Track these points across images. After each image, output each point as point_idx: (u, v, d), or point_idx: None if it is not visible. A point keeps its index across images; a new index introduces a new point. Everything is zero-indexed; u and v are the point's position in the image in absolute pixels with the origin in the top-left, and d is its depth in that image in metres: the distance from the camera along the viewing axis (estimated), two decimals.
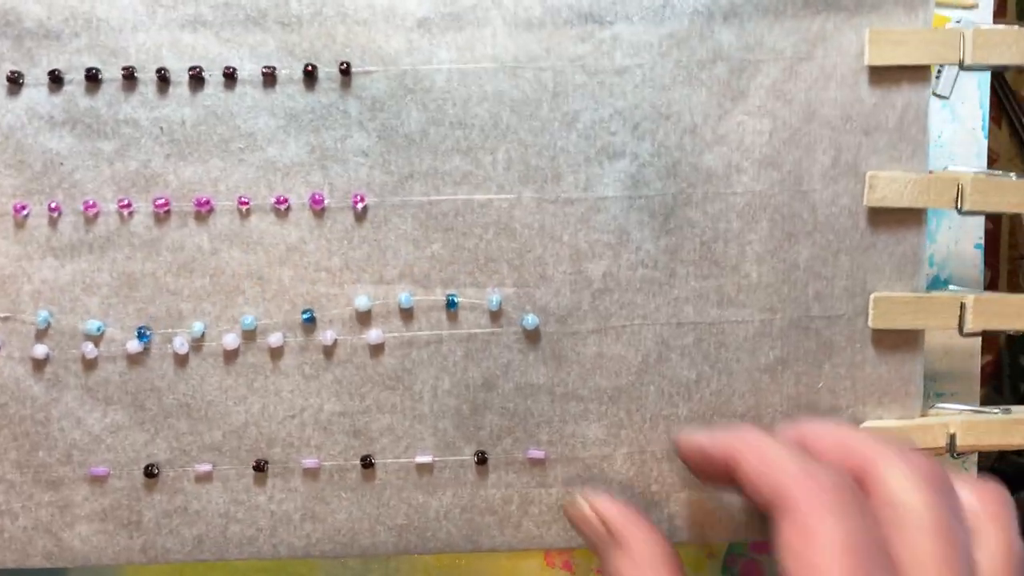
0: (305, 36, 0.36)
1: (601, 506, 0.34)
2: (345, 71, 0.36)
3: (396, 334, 0.38)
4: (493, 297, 0.38)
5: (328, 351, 0.38)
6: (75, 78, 0.36)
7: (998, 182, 0.37)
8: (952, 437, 0.38)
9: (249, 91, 0.37)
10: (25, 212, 0.37)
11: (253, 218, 0.37)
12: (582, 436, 0.39)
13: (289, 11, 0.36)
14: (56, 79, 0.36)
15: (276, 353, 0.38)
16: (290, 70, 0.37)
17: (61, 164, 0.37)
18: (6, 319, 0.37)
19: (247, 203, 0.37)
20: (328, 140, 0.37)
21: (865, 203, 0.38)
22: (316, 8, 0.36)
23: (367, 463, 0.38)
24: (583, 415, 0.39)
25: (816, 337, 0.38)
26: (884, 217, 0.38)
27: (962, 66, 0.37)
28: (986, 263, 0.50)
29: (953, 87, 0.49)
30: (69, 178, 0.37)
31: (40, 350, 0.37)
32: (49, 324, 0.37)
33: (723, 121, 0.37)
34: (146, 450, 0.38)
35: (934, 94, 0.48)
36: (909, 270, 0.38)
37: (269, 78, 0.36)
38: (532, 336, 0.38)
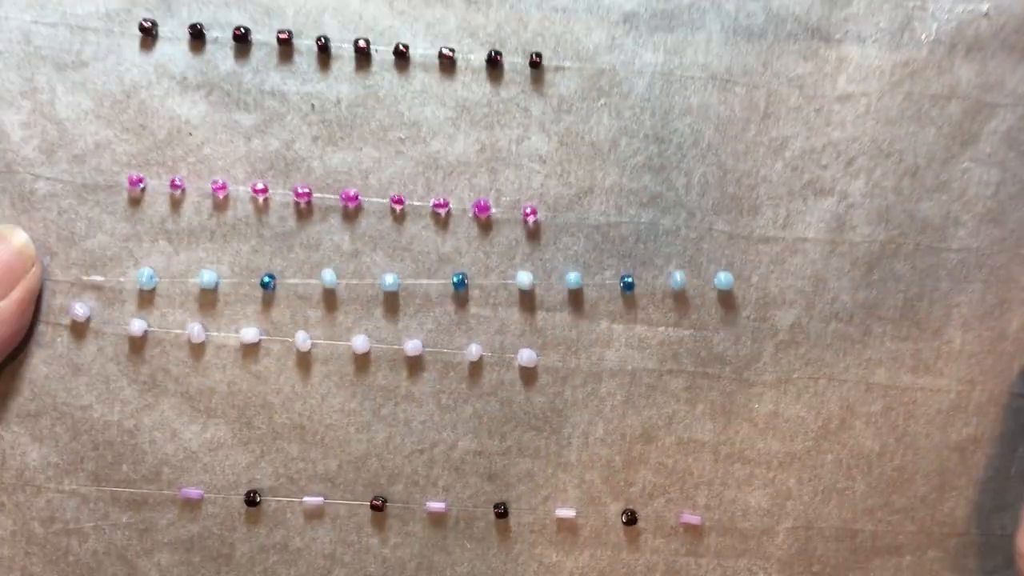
0: (492, 18, 0.33)
1: None
2: (535, 63, 0.33)
3: (551, 360, 0.35)
4: (676, 275, 0.36)
5: (472, 379, 0.35)
6: (219, 36, 0.33)
7: None
8: None
9: (419, 74, 0.33)
10: (141, 186, 0.33)
11: (406, 220, 0.34)
12: (743, 504, 0.36)
13: None
14: (197, 35, 0.33)
15: (413, 369, 0.34)
16: (470, 55, 0.33)
17: (190, 134, 0.33)
18: (101, 288, 0.34)
19: (401, 202, 0.34)
20: (502, 140, 0.34)
21: None
22: None
23: (501, 512, 0.35)
24: (747, 480, 0.36)
25: (1015, 417, 0.37)
26: None
27: None
28: None
29: None
30: (197, 152, 0.34)
31: (138, 325, 0.34)
32: (154, 288, 0.34)
33: (948, 166, 0.35)
34: (248, 474, 0.35)
35: None
36: None
37: (446, 61, 0.33)
38: (703, 385, 0.36)
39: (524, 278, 0.36)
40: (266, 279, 0.35)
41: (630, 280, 0.36)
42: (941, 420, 0.38)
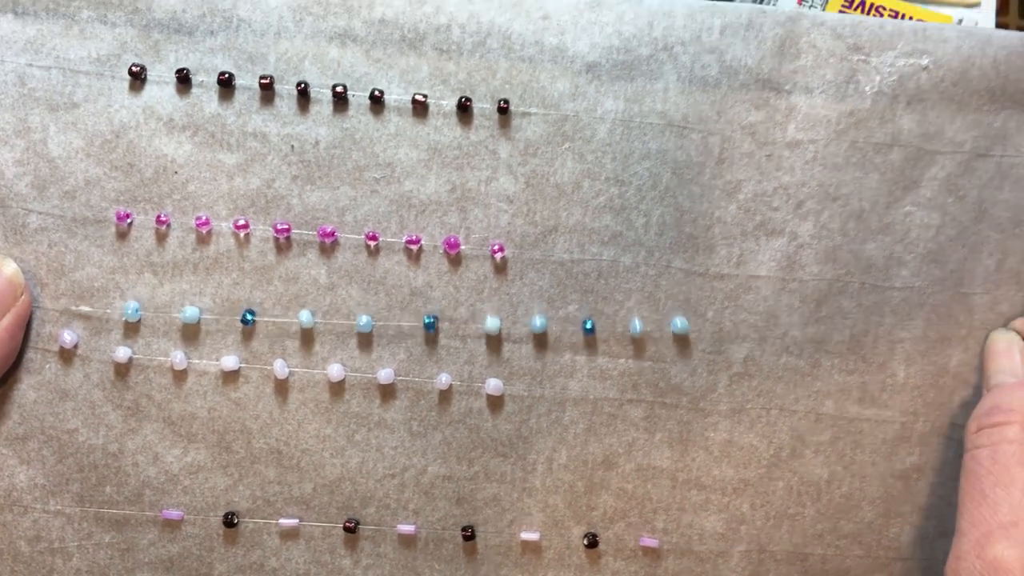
0: (463, 66, 0.35)
1: None
2: (503, 109, 0.35)
3: (517, 389, 0.37)
4: (635, 322, 0.38)
5: (441, 407, 0.36)
6: (204, 80, 0.35)
7: None
8: None
9: (394, 118, 0.35)
10: (128, 221, 0.35)
11: (380, 256, 0.36)
12: (699, 528, 0.38)
13: (449, 37, 0.35)
14: (184, 79, 0.35)
15: (386, 397, 0.37)
16: (442, 101, 0.35)
17: (175, 173, 0.35)
18: (88, 317, 0.36)
19: (375, 239, 0.36)
20: (472, 180, 0.36)
21: None
22: (479, 38, 0.35)
23: (468, 534, 0.37)
24: (703, 505, 0.38)
25: (956, 447, 0.38)
26: None
27: None
28: None
29: None
30: (182, 189, 0.35)
31: (123, 353, 0.35)
32: (139, 320, 0.37)
33: (891, 210, 0.37)
34: (226, 496, 0.37)
35: None
36: None
37: (419, 106, 0.35)
38: (661, 414, 0.38)
39: (492, 324, 0.38)
40: (246, 316, 0.37)
41: (590, 325, 0.38)
42: (886, 449, 0.40)
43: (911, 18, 0.42)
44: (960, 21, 0.43)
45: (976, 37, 0.38)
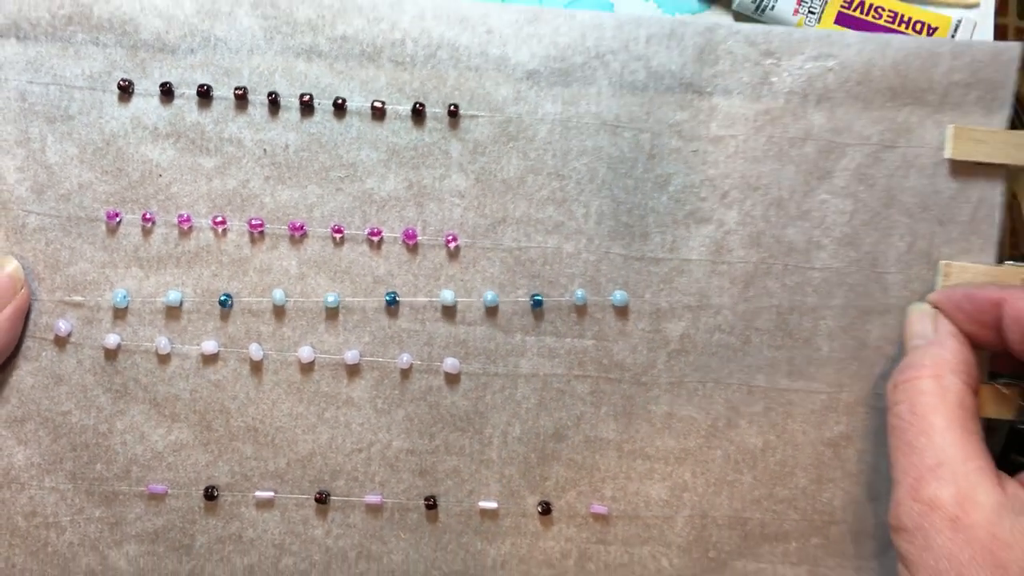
0: (417, 76, 0.40)
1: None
2: (453, 113, 0.39)
3: (473, 367, 0.41)
4: (578, 292, 0.42)
5: (404, 385, 0.40)
6: (185, 93, 0.39)
7: None
8: None
9: (356, 123, 0.40)
10: (117, 219, 0.39)
11: (345, 247, 0.40)
12: (645, 495, 0.41)
13: (404, 51, 0.39)
14: (167, 92, 0.39)
15: (352, 377, 0.41)
16: (398, 106, 0.39)
17: (160, 176, 0.39)
18: (81, 306, 0.39)
19: (341, 231, 0.39)
20: (427, 178, 0.40)
21: None
22: (430, 51, 0.39)
23: (431, 504, 0.40)
24: (648, 474, 0.41)
25: (881, 416, 0.42)
26: None
27: None
28: None
29: None
30: (166, 190, 0.39)
31: (112, 340, 0.39)
32: (127, 307, 0.41)
33: (808, 198, 0.41)
34: (207, 472, 0.40)
35: None
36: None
37: (378, 112, 0.39)
38: (606, 389, 0.42)
39: (447, 295, 0.41)
40: (223, 298, 0.41)
41: (539, 298, 0.42)
42: (815, 419, 0.43)
43: (910, 18, 0.46)
44: (959, 22, 0.46)
45: (876, 41, 0.42)
